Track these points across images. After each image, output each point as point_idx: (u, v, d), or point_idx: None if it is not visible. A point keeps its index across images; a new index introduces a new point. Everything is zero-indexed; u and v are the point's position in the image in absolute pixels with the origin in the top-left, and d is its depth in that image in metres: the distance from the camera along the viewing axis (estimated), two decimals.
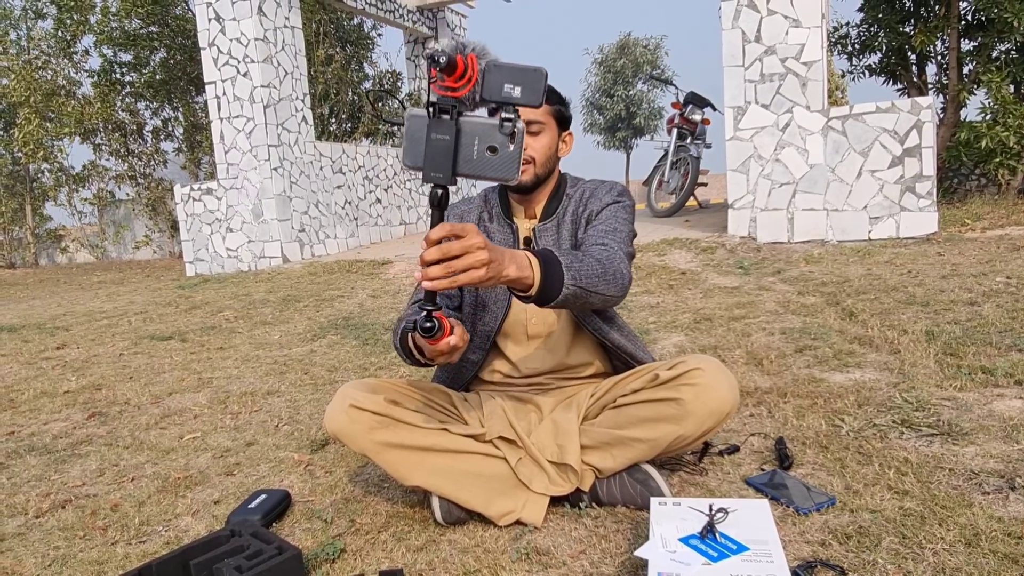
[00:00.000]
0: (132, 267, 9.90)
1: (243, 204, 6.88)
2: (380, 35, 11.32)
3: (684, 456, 1.71)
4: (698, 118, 7.00)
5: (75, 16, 10.40)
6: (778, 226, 5.06)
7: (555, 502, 1.54)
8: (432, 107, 1.07)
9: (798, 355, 2.58)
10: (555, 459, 1.53)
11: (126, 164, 11.03)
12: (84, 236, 12.66)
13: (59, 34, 10.67)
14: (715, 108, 6.90)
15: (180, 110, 10.93)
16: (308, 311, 4.50)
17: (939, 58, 6.84)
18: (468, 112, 1.07)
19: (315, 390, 2.75)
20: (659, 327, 3.22)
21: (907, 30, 6.66)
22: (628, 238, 1.57)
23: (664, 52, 24.26)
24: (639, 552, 1.16)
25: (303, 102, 7.17)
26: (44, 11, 10.96)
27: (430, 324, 1.12)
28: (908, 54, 6.90)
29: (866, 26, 6.93)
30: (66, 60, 10.88)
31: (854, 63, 7.17)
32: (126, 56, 10.46)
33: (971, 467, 1.56)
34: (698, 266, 4.59)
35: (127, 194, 11.89)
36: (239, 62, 6.68)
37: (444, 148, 1.07)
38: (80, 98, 10.69)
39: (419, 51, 9.88)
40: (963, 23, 6.40)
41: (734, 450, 1.79)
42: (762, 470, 1.67)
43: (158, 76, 10.46)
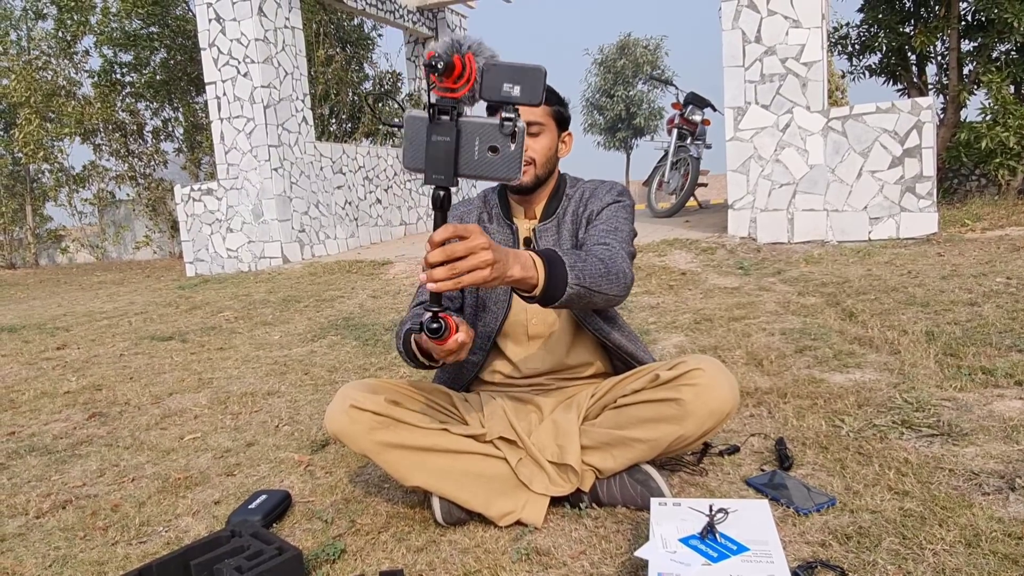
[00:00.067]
0: (132, 267, 9.91)
1: (243, 204, 6.88)
2: (380, 35, 11.35)
3: (684, 456, 1.71)
4: (698, 119, 7.00)
5: (75, 16, 10.41)
6: (778, 227, 5.06)
7: (555, 502, 1.54)
8: (432, 109, 1.06)
9: (798, 355, 2.59)
10: (555, 459, 1.53)
11: (126, 164, 11.04)
12: (84, 236, 12.67)
13: (59, 34, 10.68)
14: (715, 108, 6.91)
15: (180, 110, 10.94)
16: (308, 311, 4.50)
17: (939, 58, 6.84)
18: (468, 112, 1.07)
19: (315, 390, 2.75)
20: (659, 327, 3.22)
21: (907, 30, 6.67)
22: (629, 237, 1.58)
23: (664, 52, 24.33)
24: (639, 552, 1.16)
25: (303, 102, 7.17)
26: (44, 12, 10.97)
27: (437, 325, 1.12)
28: (908, 55, 6.90)
29: (866, 26, 6.93)
30: (66, 60, 10.89)
31: (854, 63, 7.18)
32: (126, 56, 10.47)
33: (971, 468, 1.56)
34: (698, 266, 4.59)
35: (127, 194, 11.91)
36: (239, 62, 6.69)
37: (445, 149, 1.06)
38: (80, 98, 10.70)
39: (419, 51, 9.88)
40: (963, 23, 6.41)
41: (734, 450, 1.79)
42: (762, 470, 1.67)
43: (158, 76, 10.47)
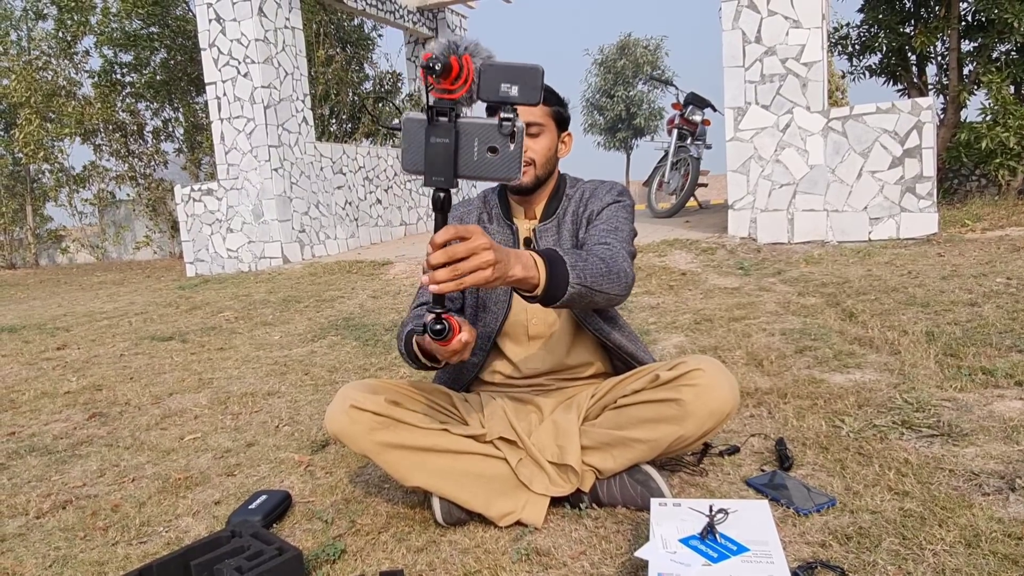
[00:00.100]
0: (132, 267, 9.91)
1: (243, 205, 6.88)
2: (380, 36, 11.36)
3: (684, 457, 1.71)
4: (698, 119, 7.00)
5: (76, 17, 10.41)
6: (778, 227, 5.06)
7: (555, 503, 1.54)
8: (430, 111, 1.06)
9: (798, 356, 2.59)
10: (555, 460, 1.53)
11: (126, 165, 11.05)
12: (84, 236, 12.69)
13: (59, 35, 10.69)
14: (715, 109, 6.91)
15: (180, 111, 10.94)
16: (308, 312, 4.50)
17: (939, 59, 6.84)
18: (466, 113, 1.07)
19: (315, 391, 2.75)
20: (659, 328, 3.22)
21: (907, 31, 6.67)
22: (629, 237, 1.58)
23: (664, 53, 24.37)
24: (639, 553, 1.16)
25: (303, 103, 7.17)
26: (45, 12, 10.98)
27: (440, 326, 1.12)
28: (908, 55, 6.90)
29: (866, 27, 6.93)
30: (67, 61, 10.90)
31: (854, 64, 7.18)
32: (126, 57, 10.48)
33: (971, 468, 1.56)
34: (698, 267, 4.59)
35: (127, 195, 11.92)
36: (239, 63, 6.69)
37: (444, 151, 1.06)
38: (80, 99, 10.71)
39: (419, 52, 9.88)
40: (963, 24, 6.41)
41: (734, 451, 1.79)
42: (762, 471, 1.67)
43: (158, 77, 10.47)
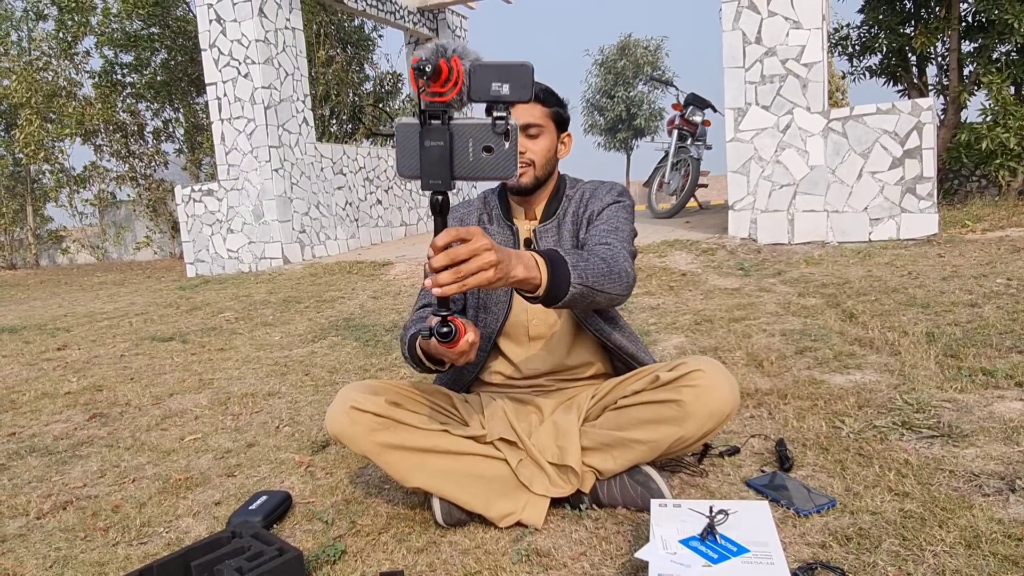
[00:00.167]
0: (133, 268, 9.91)
1: (244, 205, 6.88)
2: (381, 36, 11.37)
3: (684, 458, 1.71)
4: (699, 119, 7.01)
5: (76, 17, 10.42)
6: (778, 227, 5.06)
7: (555, 504, 1.54)
8: (422, 115, 1.07)
9: (798, 356, 2.59)
10: (556, 460, 1.53)
11: (127, 165, 11.06)
12: (85, 237, 12.70)
13: (60, 35, 10.69)
14: (716, 109, 6.91)
15: (181, 111, 10.95)
16: (309, 312, 4.50)
17: (939, 60, 6.85)
18: (458, 115, 1.07)
19: (316, 391, 2.75)
20: (659, 328, 3.22)
21: (908, 31, 6.67)
22: (630, 237, 1.58)
23: (665, 53, 24.38)
24: (639, 554, 1.16)
25: (304, 103, 7.17)
26: (45, 12, 10.99)
27: (447, 329, 1.12)
28: (908, 55, 6.90)
29: (866, 27, 6.94)
30: (67, 61, 10.90)
31: (854, 64, 7.19)
32: (127, 57, 10.49)
33: (971, 469, 1.56)
34: (699, 267, 4.59)
35: (128, 195, 11.93)
36: (240, 63, 6.69)
37: (439, 154, 1.07)
38: (81, 99, 10.72)
39: None
40: (963, 25, 6.41)
41: (734, 452, 1.79)
42: (762, 472, 1.67)
43: (159, 77, 10.48)
